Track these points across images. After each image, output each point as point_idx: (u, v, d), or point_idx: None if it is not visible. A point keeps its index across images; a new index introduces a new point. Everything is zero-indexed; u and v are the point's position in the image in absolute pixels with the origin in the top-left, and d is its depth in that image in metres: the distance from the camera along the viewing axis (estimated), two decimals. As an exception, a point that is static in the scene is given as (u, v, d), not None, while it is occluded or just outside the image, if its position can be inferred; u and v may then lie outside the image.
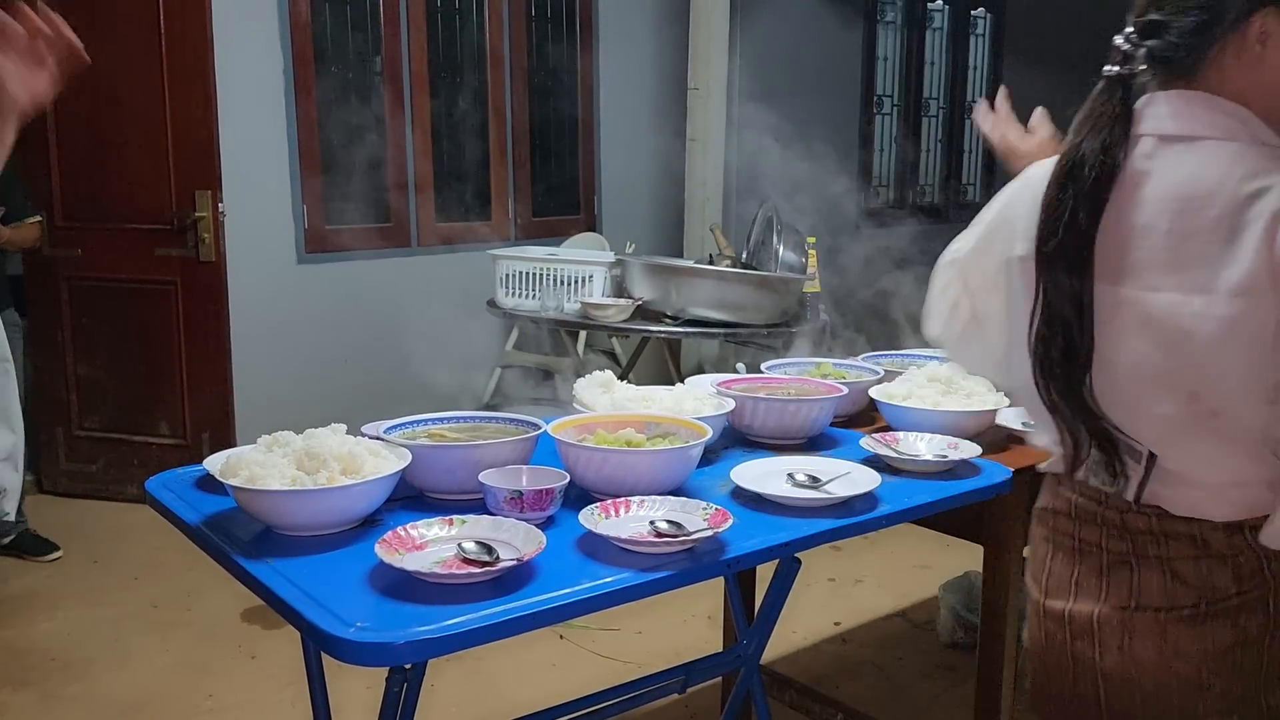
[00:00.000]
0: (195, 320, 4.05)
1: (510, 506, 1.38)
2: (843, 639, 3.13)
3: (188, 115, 3.90)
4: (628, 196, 5.36)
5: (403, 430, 1.59)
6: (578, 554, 1.30)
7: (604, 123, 5.27)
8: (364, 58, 4.49)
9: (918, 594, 3.41)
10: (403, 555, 1.24)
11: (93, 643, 3.05)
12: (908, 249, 6.16)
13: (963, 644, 3.01)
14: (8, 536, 3.60)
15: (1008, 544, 1.86)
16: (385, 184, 4.58)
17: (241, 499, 1.35)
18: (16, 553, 3.63)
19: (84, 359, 4.18)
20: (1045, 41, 7.45)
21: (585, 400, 1.80)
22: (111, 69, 3.85)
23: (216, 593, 3.24)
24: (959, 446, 1.71)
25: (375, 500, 1.38)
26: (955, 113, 7.13)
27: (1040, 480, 1.36)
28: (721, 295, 3.21)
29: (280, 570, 1.24)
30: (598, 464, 1.47)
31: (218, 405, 4.08)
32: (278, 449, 1.41)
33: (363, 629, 1.08)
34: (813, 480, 1.53)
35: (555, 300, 3.48)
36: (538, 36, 4.99)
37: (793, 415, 1.78)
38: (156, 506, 1.53)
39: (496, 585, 1.19)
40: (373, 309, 4.55)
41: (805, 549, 1.43)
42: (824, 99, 6.17)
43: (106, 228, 4.07)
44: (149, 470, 4.08)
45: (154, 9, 3.85)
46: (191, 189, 3.95)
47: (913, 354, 2.36)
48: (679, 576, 1.26)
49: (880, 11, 6.51)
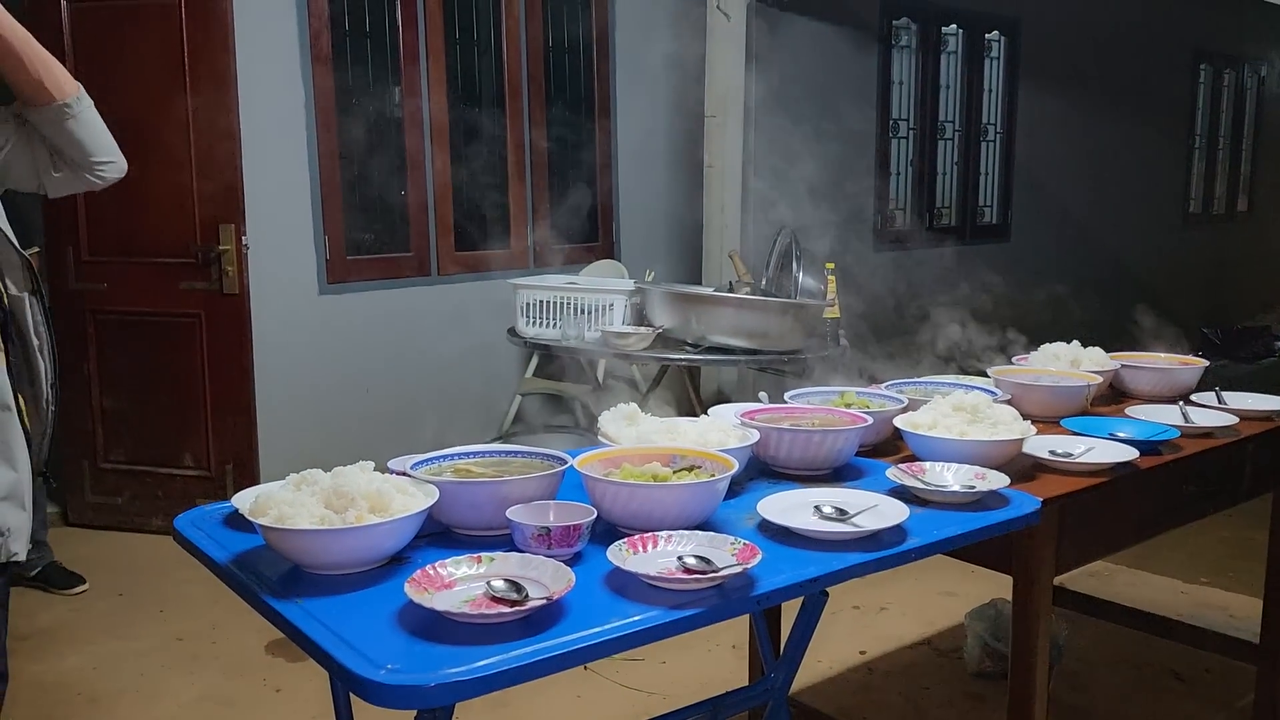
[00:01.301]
0: (219, 352, 4.09)
1: (538, 543, 1.38)
2: (869, 668, 3.10)
3: (211, 150, 3.96)
4: (646, 224, 5.38)
5: (428, 466, 1.59)
6: (606, 591, 1.30)
7: (622, 150, 5.30)
8: (384, 90, 4.54)
9: (944, 622, 3.38)
10: (432, 594, 1.24)
11: (119, 677, 3.06)
12: (926, 272, 6.16)
13: (990, 673, 2.97)
14: (33, 570, 3.60)
15: (1037, 575, 1.84)
16: (406, 214, 4.61)
17: (270, 538, 1.36)
18: (42, 585, 3.63)
19: (109, 392, 4.21)
20: (1059, 65, 7.45)
21: (610, 433, 1.80)
22: (137, 105, 3.90)
23: (241, 625, 3.25)
24: (987, 477, 1.69)
25: (403, 538, 1.38)
26: (971, 135, 7.13)
27: (1070, 510, 1.35)
28: (741, 322, 3.21)
29: (309, 610, 1.25)
30: (625, 499, 1.47)
31: (242, 437, 4.11)
32: (306, 487, 1.42)
33: (393, 671, 1.08)
34: (840, 513, 1.52)
35: (576, 329, 3.49)
36: (555, 66, 5.04)
37: (818, 446, 1.78)
38: (185, 545, 1.53)
39: (526, 625, 1.18)
40: (394, 338, 4.58)
41: (835, 584, 1.42)
42: (840, 124, 6.18)
43: (131, 262, 4.12)
44: (174, 502, 4.13)
45: (178, 47, 3.91)
46: (215, 223, 4.00)
47: (937, 381, 2.34)
48: (708, 614, 1.25)
49: (895, 36, 6.53)
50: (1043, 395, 2.22)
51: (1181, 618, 3.12)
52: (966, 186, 7.16)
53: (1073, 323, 3.59)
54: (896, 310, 5.33)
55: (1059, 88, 7.44)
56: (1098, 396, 2.38)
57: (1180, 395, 2.41)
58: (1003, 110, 7.28)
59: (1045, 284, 6.61)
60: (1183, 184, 9.24)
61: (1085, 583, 3.51)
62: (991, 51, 7.18)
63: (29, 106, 1.76)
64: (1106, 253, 7.96)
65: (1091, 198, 7.88)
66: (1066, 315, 4.87)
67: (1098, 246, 7.89)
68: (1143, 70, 8.16)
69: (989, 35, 7.12)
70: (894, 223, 6.76)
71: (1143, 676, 3.03)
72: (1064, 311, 5.43)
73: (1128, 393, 2.49)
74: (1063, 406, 2.21)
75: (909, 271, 6.47)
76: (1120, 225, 8.09)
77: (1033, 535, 1.77)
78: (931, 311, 3.05)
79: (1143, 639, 3.06)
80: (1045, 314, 3.39)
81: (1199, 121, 9.34)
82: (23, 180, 1.83)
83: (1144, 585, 3.69)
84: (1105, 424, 2.11)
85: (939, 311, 3.03)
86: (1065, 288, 6.06)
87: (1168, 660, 3.07)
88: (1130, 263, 7.98)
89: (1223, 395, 2.38)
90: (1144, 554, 3.72)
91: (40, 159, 1.82)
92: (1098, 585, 3.56)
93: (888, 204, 6.66)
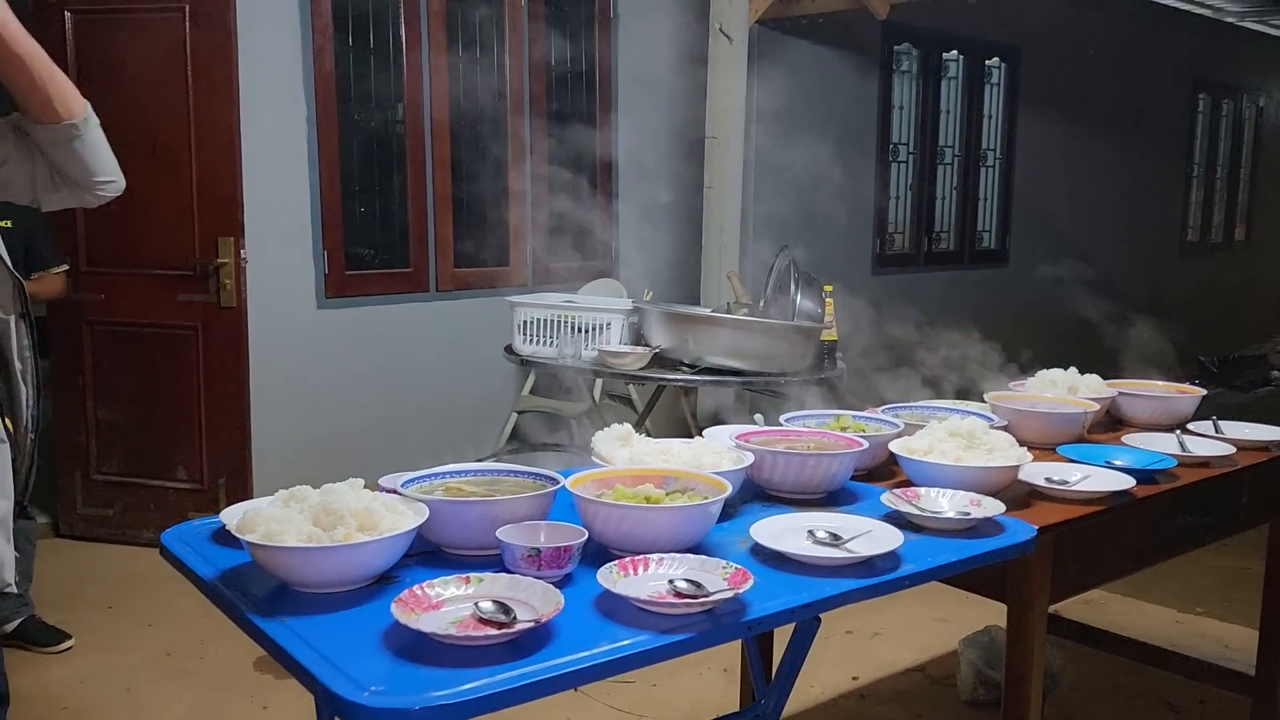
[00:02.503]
0: (215, 365, 4.08)
1: (528, 564, 1.37)
2: (861, 694, 3.07)
3: (213, 164, 3.96)
4: (646, 243, 5.38)
5: (420, 484, 1.58)
6: (596, 614, 1.28)
7: (622, 170, 5.31)
8: (386, 106, 4.55)
9: (937, 648, 3.35)
10: (418, 615, 1.22)
11: (105, 691, 3.03)
12: (924, 296, 6.17)
13: (984, 701, 2.95)
14: (10, 623, 3.21)
15: (1032, 603, 1.82)
16: (405, 230, 4.62)
17: (257, 555, 1.34)
18: (20, 643, 3.22)
19: (104, 403, 4.20)
20: (1058, 90, 7.49)
21: (604, 453, 1.79)
22: (139, 117, 3.91)
23: (230, 641, 3.22)
24: (982, 503, 1.68)
25: (391, 557, 1.36)
26: (970, 160, 7.15)
27: (1065, 538, 1.33)
28: (738, 344, 3.20)
29: (295, 629, 1.23)
30: (617, 520, 1.46)
31: (236, 450, 4.09)
32: (295, 504, 1.40)
33: (377, 693, 1.07)
34: (834, 538, 1.51)
35: (573, 348, 3.48)
36: (558, 84, 5.05)
37: (813, 470, 1.77)
38: (171, 560, 1.52)
39: (513, 648, 1.17)
40: (392, 354, 4.57)
41: (827, 610, 1.41)
42: (840, 147, 6.19)
43: (130, 273, 4.11)
44: (166, 515, 4.11)
45: (182, 58, 3.92)
46: (214, 236, 3.99)
47: (934, 406, 2.33)
48: (698, 639, 1.24)
49: (896, 61, 6.56)
50: (1039, 422, 2.22)
51: (1177, 648, 3.10)
52: (965, 211, 7.18)
53: (1070, 349, 3.58)
54: (895, 333, 5.33)
55: (1058, 115, 7.47)
56: (1094, 424, 2.37)
57: (1177, 423, 2.40)
58: (1002, 136, 7.31)
59: (1043, 309, 6.62)
60: (1181, 212, 9.27)
61: (1081, 611, 3.48)
62: (992, 78, 7.21)
63: (35, 123, 1.69)
64: (1103, 278, 7.97)
65: (1090, 225, 7.90)
66: (1060, 340, 4.87)
67: (1095, 272, 7.90)
68: (1142, 99, 8.20)
69: (989, 62, 7.16)
70: (893, 246, 6.77)
71: (1137, 707, 3.00)
72: (1057, 336, 5.43)
73: (1125, 420, 2.48)
74: (1059, 433, 2.21)
75: (907, 295, 6.47)
76: (1118, 253, 8.10)
77: (1028, 563, 1.76)
78: (929, 335, 3.05)
79: (1138, 669, 3.04)
80: (1042, 340, 3.40)
81: (1197, 150, 9.38)
82: (18, 195, 1.77)
83: (1140, 615, 3.66)
84: (1102, 452, 2.10)
85: (937, 335, 3.03)
86: (1060, 312, 6.06)
87: (1163, 691, 3.05)
88: (1128, 290, 7.99)
89: (1220, 424, 2.38)
90: (1140, 583, 3.70)
91: (40, 176, 1.75)
92: (1093, 614, 3.54)
93: (887, 228, 6.68)
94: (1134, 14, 7.43)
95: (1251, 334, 10.08)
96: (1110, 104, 7.83)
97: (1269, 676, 2.57)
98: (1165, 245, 9.06)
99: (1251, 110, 10.02)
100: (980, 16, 6.29)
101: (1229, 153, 9.79)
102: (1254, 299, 10.16)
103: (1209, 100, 9.38)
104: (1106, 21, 7.54)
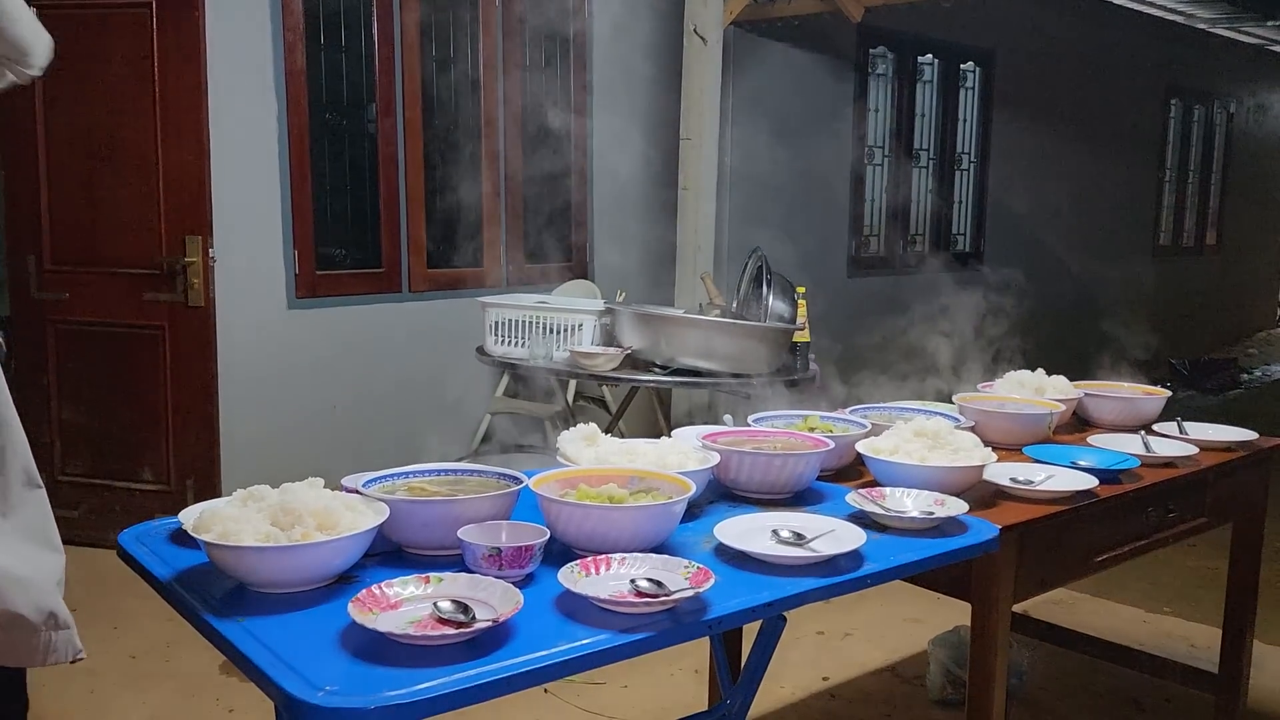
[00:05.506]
0: (182, 366, 4.03)
1: (489, 563, 1.36)
2: (831, 694, 3.08)
3: (180, 161, 3.91)
4: (620, 244, 5.37)
5: (382, 484, 1.56)
6: (556, 614, 1.28)
7: (597, 171, 5.30)
8: (358, 105, 4.52)
9: (908, 648, 3.36)
10: (376, 615, 1.21)
11: (68, 696, 2.99)
12: (898, 298, 6.20)
13: (952, 700, 2.96)
14: None
15: (996, 602, 1.83)
16: (378, 230, 4.58)
17: (214, 555, 1.33)
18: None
19: (69, 404, 4.14)
20: (1032, 94, 7.55)
21: (569, 453, 1.78)
22: (105, 114, 3.86)
23: (196, 644, 3.14)
24: (946, 503, 1.69)
25: (350, 557, 1.35)
26: (945, 163, 7.20)
27: (1028, 538, 1.34)
28: (710, 345, 3.20)
29: (250, 630, 1.22)
30: (579, 520, 1.45)
31: (203, 452, 4.04)
32: (253, 503, 1.39)
33: (331, 693, 1.05)
34: (797, 537, 1.51)
35: (544, 348, 3.47)
36: (532, 85, 5.04)
37: (778, 470, 1.77)
38: (129, 561, 1.50)
39: (471, 647, 1.16)
40: (363, 355, 4.54)
41: (789, 609, 1.41)
42: (815, 149, 6.23)
43: (94, 272, 4.05)
44: (131, 517, 4.05)
45: (149, 56, 3.87)
46: (182, 234, 3.95)
47: (901, 407, 2.34)
48: (659, 638, 1.23)
49: (872, 64, 6.59)
50: (1005, 422, 2.23)
51: (1144, 647, 3.13)
52: (940, 214, 7.22)
53: (1039, 350, 3.61)
54: (867, 334, 5.35)
55: (1032, 119, 7.53)
56: (1062, 425, 2.38)
57: (1143, 425, 2.42)
58: (977, 139, 7.36)
59: (1016, 311, 6.66)
60: (1153, 216, 9.36)
61: (1048, 611, 3.51)
62: (966, 81, 7.26)
63: None
64: (1076, 282, 8.04)
65: (1064, 228, 7.96)
66: (1034, 342, 4.90)
67: (1068, 275, 7.96)
68: (1115, 104, 8.28)
69: (964, 66, 7.20)
70: (868, 248, 6.80)
71: (1104, 705, 3.03)
72: (1031, 339, 5.47)
73: (1091, 421, 2.50)
74: (1025, 434, 2.22)
75: (881, 296, 6.50)
76: (1092, 256, 8.17)
77: (991, 562, 1.77)
78: (902, 336, 3.06)
79: (1105, 667, 3.07)
80: (1013, 341, 3.43)
81: (1169, 155, 9.48)
82: None
83: (1107, 614, 3.69)
84: (1067, 452, 2.11)
85: (910, 336, 3.04)
86: (1034, 315, 6.11)
87: (1129, 689, 3.07)
88: (1100, 292, 8.06)
89: (1184, 425, 2.40)
90: (1107, 583, 3.73)
91: None
92: (1061, 614, 3.56)
93: (862, 230, 6.70)
94: (1107, 20, 7.50)
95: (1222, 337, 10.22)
96: (1083, 109, 7.90)
97: (1231, 674, 2.60)
98: (1138, 249, 9.15)
99: (1223, 116, 10.14)
100: (955, 21, 6.33)
101: (1200, 158, 9.91)
102: (1224, 303, 10.29)
103: (1181, 106, 9.48)
104: (1080, 27, 7.62)
